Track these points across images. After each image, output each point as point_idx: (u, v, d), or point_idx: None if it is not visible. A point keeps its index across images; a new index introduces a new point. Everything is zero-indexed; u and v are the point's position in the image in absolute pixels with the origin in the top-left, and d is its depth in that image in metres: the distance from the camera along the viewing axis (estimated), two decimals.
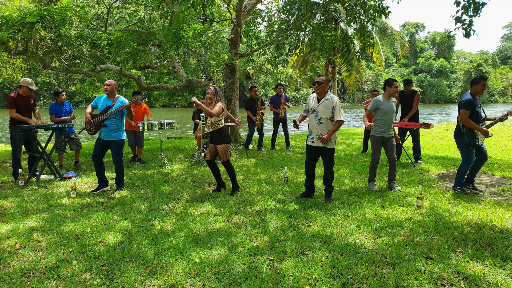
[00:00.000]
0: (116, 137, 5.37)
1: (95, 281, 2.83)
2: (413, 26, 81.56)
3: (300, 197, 5.09)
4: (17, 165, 6.07)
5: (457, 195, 5.09)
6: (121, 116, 5.44)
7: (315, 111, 4.85)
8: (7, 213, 4.42)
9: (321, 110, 4.80)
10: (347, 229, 3.86)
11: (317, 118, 4.82)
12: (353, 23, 8.03)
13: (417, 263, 3.10)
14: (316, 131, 4.86)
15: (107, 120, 5.29)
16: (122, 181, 5.56)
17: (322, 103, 4.81)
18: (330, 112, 4.78)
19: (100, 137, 5.37)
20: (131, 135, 7.66)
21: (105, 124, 5.28)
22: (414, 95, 7.25)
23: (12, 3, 10.29)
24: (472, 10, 5.08)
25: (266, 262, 3.13)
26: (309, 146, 5.01)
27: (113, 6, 10.70)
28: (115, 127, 5.36)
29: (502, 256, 3.23)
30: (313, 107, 4.88)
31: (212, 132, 5.15)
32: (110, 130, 5.32)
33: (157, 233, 3.78)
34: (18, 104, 6.06)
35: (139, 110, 7.72)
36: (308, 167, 5.05)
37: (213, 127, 5.11)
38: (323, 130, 4.82)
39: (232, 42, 9.81)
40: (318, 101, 4.85)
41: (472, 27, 5.27)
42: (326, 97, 4.82)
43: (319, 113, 4.82)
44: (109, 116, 5.28)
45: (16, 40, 6.41)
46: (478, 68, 66.63)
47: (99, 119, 5.27)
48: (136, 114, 7.60)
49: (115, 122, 5.35)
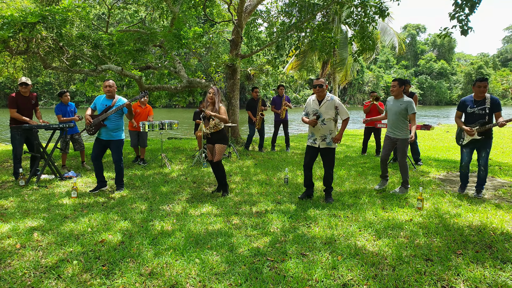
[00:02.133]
0: (116, 136, 5.38)
1: (95, 281, 2.83)
2: (414, 28, 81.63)
3: (302, 197, 5.10)
4: (17, 164, 6.08)
5: (457, 197, 5.10)
6: (120, 116, 5.44)
7: (317, 112, 4.87)
8: (8, 212, 4.42)
9: (323, 111, 4.83)
10: (347, 231, 3.86)
11: (320, 119, 4.84)
12: (353, 25, 8.04)
13: (417, 264, 3.10)
14: (320, 132, 4.88)
15: (106, 120, 5.30)
16: (122, 181, 5.56)
17: (324, 105, 4.84)
18: (333, 112, 4.82)
19: (100, 137, 5.37)
20: (135, 135, 7.64)
21: (104, 124, 5.29)
22: (411, 96, 7.26)
23: (14, 3, 10.30)
24: (467, 8, 5.06)
25: (266, 263, 3.13)
26: (310, 147, 5.02)
27: (114, 7, 10.72)
28: (115, 127, 5.36)
29: (502, 258, 3.23)
30: (315, 109, 4.89)
31: (213, 133, 5.16)
32: (110, 130, 5.32)
33: (158, 234, 3.78)
34: (19, 104, 6.07)
35: (144, 110, 7.72)
36: (307, 168, 5.07)
37: (215, 128, 5.12)
38: (326, 130, 4.85)
39: (233, 43, 9.82)
40: (319, 102, 4.87)
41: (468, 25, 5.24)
42: (327, 98, 4.85)
43: (322, 115, 4.84)
44: (109, 116, 5.29)
45: (18, 39, 6.42)
46: (478, 70, 66.68)
47: (99, 119, 5.27)
48: (141, 114, 7.59)
49: (114, 122, 5.35)
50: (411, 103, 5.20)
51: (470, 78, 67.14)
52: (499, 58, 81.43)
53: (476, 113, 5.01)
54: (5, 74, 10.47)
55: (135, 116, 7.35)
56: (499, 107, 4.94)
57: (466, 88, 70.22)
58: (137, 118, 7.54)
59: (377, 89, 58.65)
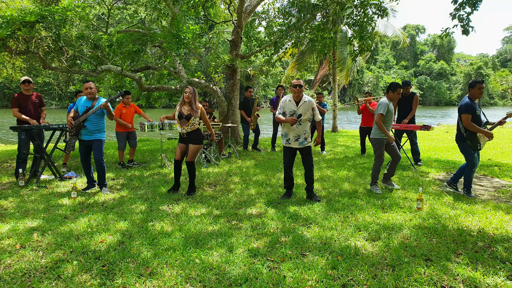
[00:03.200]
0: (97, 136, 5.42)
1: (95, 281, 2.84)
2: (414, 28, 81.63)
3: (284, 198, 5.14)
4: (19, 165, 6.09)
5: (456, 198, 5.10)
6: (101, 117, 5.46)
7: (294, 113, 4.90)
8: (8, 213, 4.43)
9: (301, 111, 4.90)
10: (347, 231, 3.86)
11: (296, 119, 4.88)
12: (353, 25, 8.04)
13: (416, 265, 3.11)
14: (294, 133, 4.96)
15: (86, 121, 5.32)
16: (105, 181, 5.56)
17: (301, 105, 4.91)
18: (310, 113, 4.93)
19: (82, 138, 5.40)
20: (123, 137, 7.44)
21: (84, 125, 5.31)
22: (412, 97, 7.28)
23: (14, 3, 10.30)
24: (469, 6, 5.04)
25: (266, 263, 3.14)
26: (286, 147, 5.09)
27: (114, 7, 10.71)
28: (95, 128, 5.38)
29: (501, 258, 3.23)
30: (292, 109, 4.93)
31: (190, 133, 5.19)
32: (90, 131, 5.36)
33: (157, 234, 3.78)
34: (20, 103, 6.13)
35: (129, 110, 7.54)
36: (288, 168, 5.13)
37: (191, 127, 5.17)
38: (301, 130, 4.93)
39: (233, 44, 9.83)
40: (297, 103, 4.93)
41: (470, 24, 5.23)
42: (304, 99, 4.93)
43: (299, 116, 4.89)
44: (89, 117, 5.31)
45: (17, 39, 6.42)
46: (478, 71, 66.69)
47: (79, 120, 5.31)
48: (126, 114, 7.45)
49: (95, 123, 5.37)
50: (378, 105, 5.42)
51: (470, 78, 67.11)
52: (499, 58, 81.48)
53: (479, 115, 5.00)
54: (4, 75, 10.48)
55: (121, 117, 7.32)
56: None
57: (465, 89, 70.16)
58: (125, 119, 7.41)
59: (377, 89, 58.64)
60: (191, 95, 5.16)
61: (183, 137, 5.27)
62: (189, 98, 5.17)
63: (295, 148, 5.03)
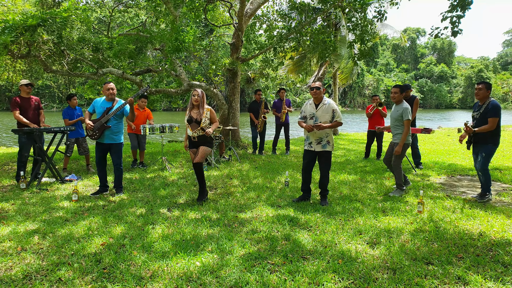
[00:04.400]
0: (117, 140, 5.40)
1: (96, 284, 2.83)
2: (414, 31, 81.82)
3: (297, 201, 5.11)
4: (21, 168, 6.10)
5: (458, 201, 5.10)
6: (120, 119, 5.45)
7: (314, 116, 4.89)
8: (9, 215, 4.43)
9: (320, 115, 4.87)
10: (348, 234, 3.86)
11: (316, 123, 4.86)
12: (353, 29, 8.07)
13: (418, 268, 3.10)
14: (315, 136, 4.92)
15: (109, 121, 5.30)
16: (121, 184, 5.57)
17: (320, 108, 4.88)
18: (330, 116, 4.86)
19: (101, 141, 5.36)
20: (134, 138, 7.62)
21: (108, 125, 5.28)
22: (413, 100, 7.27)
23: (15, 6, 10.34)
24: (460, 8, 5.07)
25: (267, 266, 3.13)
26: (307, 151, 5.05)
27: (115, 10, 10.76)
28: (117, 130, 5.38)
29: (503, 262, 3.22)
30: (312, 112, 4.93)
31: (200, 136, 5.05)
32: (113, 132, 5.32)
33: (158, 236, 3.78)
34: (20, 106, 6.13)
35: (142, 113, 7.69)
36: (306, 172, 5.09)
37: (202, 131, 5.02)
38: (322, 133, 4.89)
39: (234, 47, 9.85)
40: (316, 106, 4.91)
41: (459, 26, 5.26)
42: (324, 102, 4.90)
43: (318, 118, 4.87)
44: (111, 118, 5.28)
45: (19, 43, 6.45)
46: (478, 74, 66.79)
47: (101, 122, 5.25)
48: (139, 117, 7.58)
49: (116, 125, 5.36)
50: (406, 109, 5.25)
51: (470, 81, 67.26)
52: (499, 61, 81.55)
53: (473, 117, 5.16)
54: (5, 78, 10.50)
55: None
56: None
57: (466, 92, 70.30)
58: (135, 121, 7.51)
59: (378, 92, 58.67)
60: (199, 98, 5.03)
61: (193, 141, 5.10)
62: (197, 102, 5.02)
63: (317, 151, 4.96)
